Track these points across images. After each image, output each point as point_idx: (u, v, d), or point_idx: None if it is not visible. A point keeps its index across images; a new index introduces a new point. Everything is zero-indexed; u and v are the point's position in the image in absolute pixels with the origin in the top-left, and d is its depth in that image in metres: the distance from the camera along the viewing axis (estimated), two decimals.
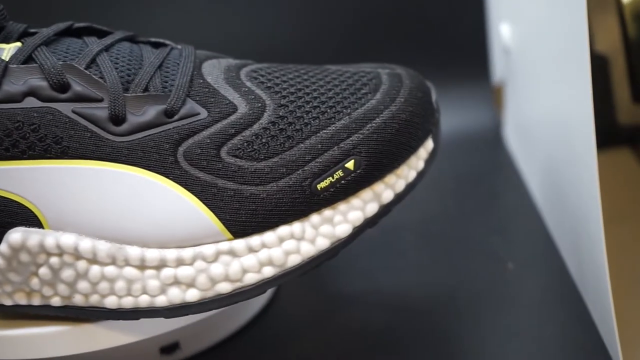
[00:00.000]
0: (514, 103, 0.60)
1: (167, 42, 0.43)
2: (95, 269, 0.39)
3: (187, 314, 0.39)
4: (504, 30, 0.59)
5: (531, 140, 0.55)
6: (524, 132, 0.58)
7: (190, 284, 0.39)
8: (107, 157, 0.39)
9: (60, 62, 0.39)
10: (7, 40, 0.40)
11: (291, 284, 0.41)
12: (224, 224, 0.39)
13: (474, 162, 0.61)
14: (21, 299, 0.40)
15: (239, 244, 0.39)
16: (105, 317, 0.40)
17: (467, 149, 0.62)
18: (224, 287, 0.39)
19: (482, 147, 0.63)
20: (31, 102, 0.39)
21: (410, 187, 0.41)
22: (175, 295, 0.39)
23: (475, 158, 0.61)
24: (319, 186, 0.39)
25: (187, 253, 0.39)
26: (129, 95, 0.39)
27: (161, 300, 0.39)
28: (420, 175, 0.41)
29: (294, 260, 0.39)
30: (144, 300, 0.39)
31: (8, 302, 0.40)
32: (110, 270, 0.39)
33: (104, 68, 0.40)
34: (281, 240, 0.39)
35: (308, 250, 0.39)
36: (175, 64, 0.41)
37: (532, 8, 0.52)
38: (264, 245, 0.39)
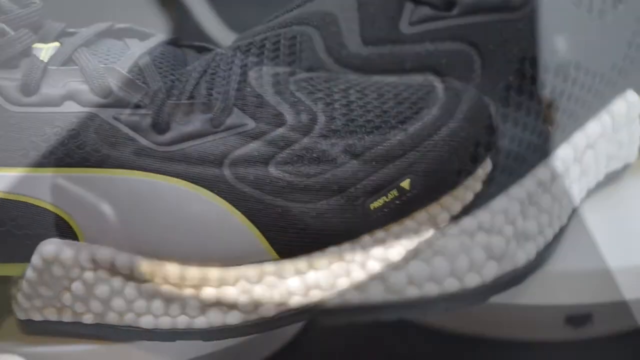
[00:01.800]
0: (566, 117, 0.58)
1: (211, 46, 0.42)
2: (131, 286, 0.38)
3: (227, 338, 0.38)
4: (558, 42, 0.57)
5: (584, 157, 0.53)
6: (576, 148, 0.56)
7: (232, 306, 0.38)
8: (149, 167, 0.37)
9: (102, 65, 0.38)
10: (44, 40, 0.39)
11: None
12: (270, 242, 0.37)
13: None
14: (51, 315, 0.39)
15: (285, 265, 0.37)
16: (140, 338, 0.39)
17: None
18: (268, 311, 0.37)
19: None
20: (70, 106, 0.38)
21: (466, 209, 0.39)
22: (215, 317, 0.38)
23: None
24: (372, 206, 0.37)
25: (230, 272, 0.37)
26: (173, 102, 0.38)
27: (200, 322, 0.38)
28: (478, 197, 0.39)
29: (342, 283, 0.37)
30: (182, 321, 0.38)
31: (37, 317, 0.39)
32: (147, 287, 0.38)
33: (148, 73, 0.38)
34: (330, 262, 0.37)
35: (358, 274, 0.37)
36: (221, 70, 0.39)
37: (586, 19, 0.51)
38: (311, 267, 0.37)
